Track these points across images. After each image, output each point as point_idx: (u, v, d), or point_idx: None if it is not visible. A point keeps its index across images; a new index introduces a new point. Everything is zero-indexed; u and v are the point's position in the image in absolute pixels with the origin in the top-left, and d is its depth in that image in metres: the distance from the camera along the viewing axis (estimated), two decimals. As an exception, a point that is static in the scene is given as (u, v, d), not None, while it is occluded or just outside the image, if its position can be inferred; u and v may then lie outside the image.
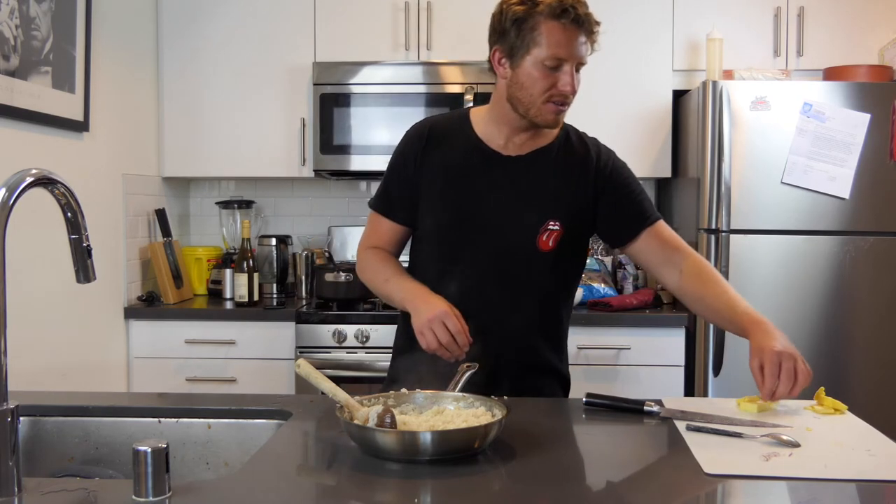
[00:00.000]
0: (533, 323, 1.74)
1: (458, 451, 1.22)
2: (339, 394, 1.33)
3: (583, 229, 1.76)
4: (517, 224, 1.70)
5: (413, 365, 1.62)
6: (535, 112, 1.63)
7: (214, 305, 3.24)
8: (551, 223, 1.69)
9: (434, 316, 1.57)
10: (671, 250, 1.77)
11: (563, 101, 1.63)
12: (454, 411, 1.36)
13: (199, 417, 1.50)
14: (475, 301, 1.67)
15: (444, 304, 1.59)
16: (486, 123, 1.74)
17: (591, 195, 1.73)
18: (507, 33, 1.62)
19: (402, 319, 1.81)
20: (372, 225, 1.83)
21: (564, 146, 1.75)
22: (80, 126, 2.73)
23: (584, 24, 1.58)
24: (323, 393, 1.36)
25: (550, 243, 1.69)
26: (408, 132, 1.79)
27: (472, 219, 1.70)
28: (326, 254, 3.33)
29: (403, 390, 1.43)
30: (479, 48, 3.17)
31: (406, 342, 1.75)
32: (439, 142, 1.74)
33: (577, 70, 1.62)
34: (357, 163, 3.24)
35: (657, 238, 1.78)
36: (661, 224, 1.80)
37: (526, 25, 1.58)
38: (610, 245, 1.83)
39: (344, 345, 2.99)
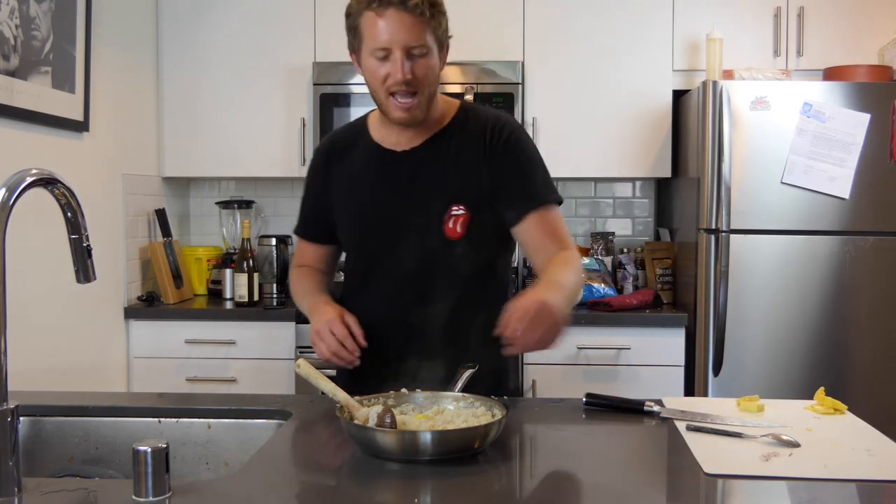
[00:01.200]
0: (462, 313, 1.65)
1: (458, 451, 1.22)
2: (339, 394, 1.33)
3: (489, 208, 1.65)
4: (421, 216, 1.65)
5: (352, 376, 1.64)
6: (385, 108, 1.61)
7: (214, 305, 3.24)
8: (454, 208, 1.63)
9: (321, 326, 1.59)
10: (550, 240, 1.64)
11: (400, 90, 1.55)
12: (454, 411, 1.36)
13: (199, 417, 1.50)
14: (400, 301, 1.67)
15: (333, 313, 1.61)
16: (379, 126, 1.72)
17: (484, 172, 1.64)
18: (349, 35, 1.62)
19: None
20: (298, 248, 1.88)
21: (459, 127, 1.68)
22: (80, 126, 2.73)
23: (396, 5, 1.51)
24: (323, 393, 1.36)
25: (458, 229, 1.63)
26: (313, 155, 1.83)
27: (380, 222, 1.69)
28: (326, 254, 3.32)
29: (403, 390, 1.43)
30: (479, 48, 3.20)
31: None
32: (341, 154, 1.74)
33: (418, 55, 1.54)
34: (357, 163, 3.24)
35: (540, 225, 1.64)
36: (551, 211, 1.66)
37: (353, 24, 1.58)
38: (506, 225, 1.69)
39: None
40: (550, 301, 1.39)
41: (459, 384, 1.45)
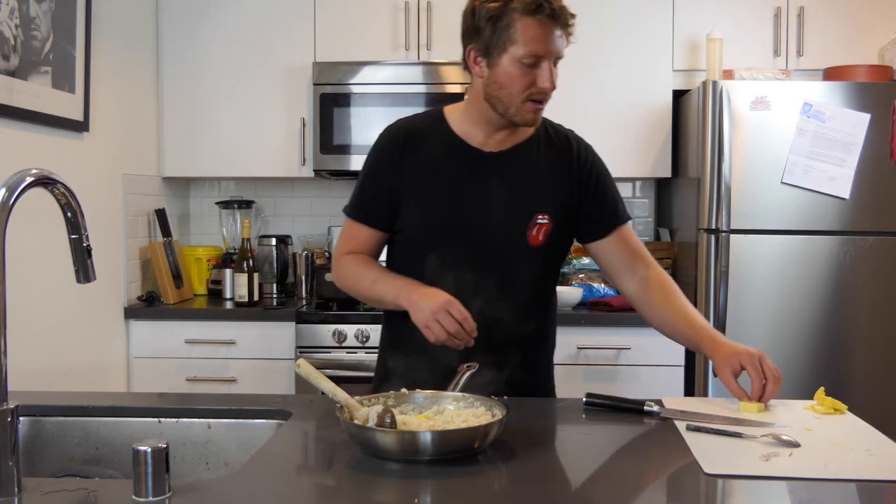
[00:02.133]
0: (526, 319, 1.72)
1: (458, 451, 1.22)
2: (339, 394, 1.33)
3: (569, 222, 1.74)
4: (506, 221, 1.67)
5: (410, 363, 1.61)
6: (515, 111, 1.61)
7: (214, 305, 3.25)
8: (540, 217, 1.68)
9: (437, 307, 1.52)
10: (636, 257, 1.78)
11: (543, 98, 1.60)
12: (454, 411, 1.36)
13: (199, 417, 1.50)
14: (469, 301, 1.63)
15: (444, 294, 1.55)
16: (463, 122, 1.70)
17: (574, 187, 1.73)
18: (482, 32, 1.58)
19: (388, 319, 1.79)
20: (348, 232, 1.77)
21: (545, 139, 1.74)
22: (80, 126, 2.73)
23: (559, 19, 1.56)
24: (323, 393, 1.36)
25: (540, 237, 1.68)
26: (381, 136, 1.75)
27: (461, 219, 1.67)
28: (326, 254, 3.33)
29: (403, 390, 1.43)
30: (479, 48, 3.20)
31: (397, 340, 1.74)
32: (417, 143, 1.69)
33: (555, 65, 1.60)
34: (357, 163, 3.23)
35: (625, 241, 1.78)
36: (630, 227, 1.81)
37: (501, 23, 1.56)
38: (578, 240, 1.81)
39: (344, 345, 2.99)
40: (762, 353, 1.54)
41: (460, 384, 1.45)
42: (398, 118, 1.77)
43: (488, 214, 1.67)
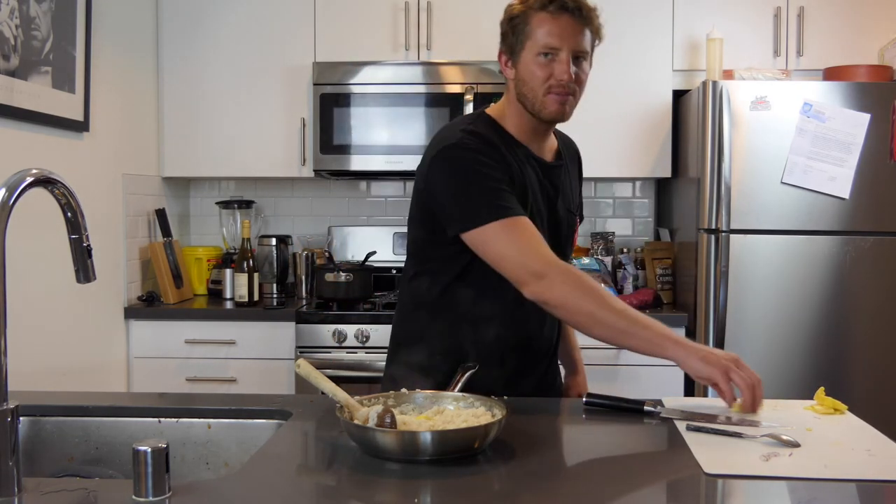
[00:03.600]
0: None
1: (458, 451, 1.22)
2: (339, 394, 1.33)
3: None
4: (567, 227, 1.77)
5: (426, 362, 1.65)
6: (540, 105, 1.62)
7: (214, 305, 3.25)
8: (577, 219, 1.82)
9: (729, 359, 1.46)
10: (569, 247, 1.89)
11: (564, 90, 1.60)
12: (454, 411, 1.36)
13: (199, 417, 1.50)
14: (536, 312, 1.64)
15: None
16: (518, 131, 1.68)
17: (581, 189, 1.90)
18: (507, 34, 1.65)
19: (414, 316, 1.72)
20: (526, 233, 1.54)
21: (563, 146, 1.82)
22: (80, 126, 2.73)
23: (573, 11, 1.58)
24: (323, 393, 1.36)
25: (576, 237, 1.83)
26: (472, 142, 1.59)
27: (544, 228, 1.66)
28: (326, 254, 3.33)
29: (403, 390, 1.43)
30: (479, 48, 3.20)
31: (413, 339, 1.73)
32: (498, 149, 1.62)
33: (579, 59, 1.61)
34: (357, 163, 3.24)
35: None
36: None
37: (520, 22, 1.61)
38: None
39: (344, 345, 2.99)
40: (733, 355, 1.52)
41: (459, 384, 1.45)
42: (450, 123, 1.69)
43: (557, 222, 1.73)
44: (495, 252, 1.53)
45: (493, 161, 1.58)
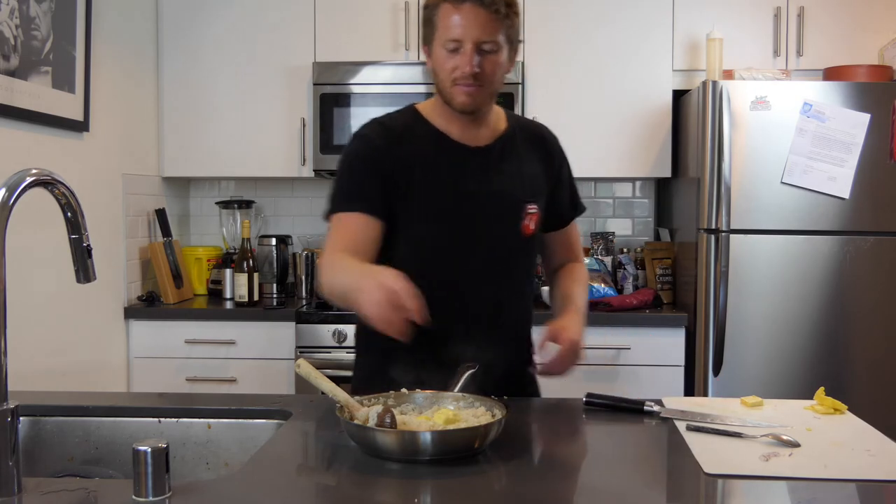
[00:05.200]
0: (524, 311, 1.78)
1: (457, 451, 1.22)
2: (339, 394, 1.33)
3: (545, 211, 1.78)
4: (504, 213, 1.69)
5: (397, 363, 1.54)
6: (448, 96, 1.62)
7: (214, 305, 3.25)
8: (530, 207, 1.71)
9: (384, 288, 1.37)
10: (573, 248, 1.88)
11: (468, 82, 1.58)
12: (454, 411, 1.36)
13: (199, 417, 1.50)
14: (472, 298, 1.66)
15: (393, 277, 1.39)
16: (439, 118, 1.69)
17: (551, 176, 1.79)
18: (423, 26, 1.65)
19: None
20: (339, 230, 1.64)
21: (520, 132, 1.76)
22: (80, 126, 2.73)
23: (477, 3, 1.54)
24: (323, 393, 1.36)
25: (532, 227, 1.71)
26: (361, 134, 1.70)
27: (457, 216, 1.66)
28: (326, 254, 3.32)
29: (403, 390, 1.43)
30: (479, 48, 3.20)
31: (368, 342, 1.73)
32: (400, 140, 1.66)
33: (486, 51, 1.56)
34: (357, 163, 3.24)
35: (571, 233, 1.88)
36: (577, 221, 1.90)
37: (429, 15, 1.61)
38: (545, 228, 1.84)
39: (344, 345, 2.99)
40: (582, 340, 1.62)
41: (459, 384, 1.45)
42: (370, 119, 1.74)
43: (486, 209, 1.67)
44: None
45: (373, 154, 1.65)
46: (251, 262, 3.24)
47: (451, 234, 1.67)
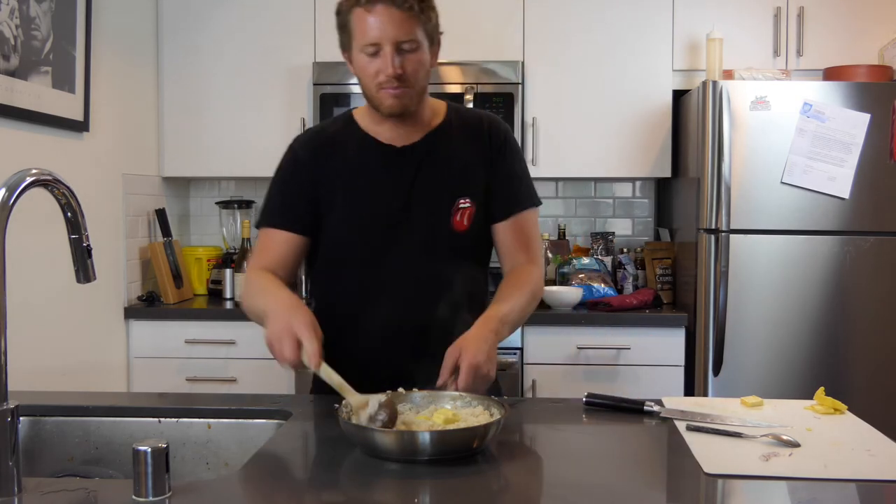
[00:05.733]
0: (462, 310, 1.67)
1: (456, 450, 1.22)
2: (341, 385, 1.34)
3: (487, 204, 1.70)
4: (430, 210, 1.65)
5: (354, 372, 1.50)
6: (377, 101, 1.59)
7: (214, 305, 3.24)
8: (462, 201, 1.66)
9: (283, 326, 1.42)
10: (522, 248, 1.71)
11: (393, 84, 1.55)
12: (452, 410, 1.36)
13: (199, 417, 1.50)
14: (404, 297, 1.64)
15: (296, 314, 1.43)
16: (370, 121, 1.68)
17: (487, 166, 1.70)
18: (339, 33, 1.61)
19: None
20: (263, 244, 1.68)
21: (456, 124, 1.71)
22: (80, 126, 2.73)
23: (386, 3, 1.51)
24: (316, 380, 1.35)
25: (465, 222, 1.66)
26: (293, 145, 1.73)
27: (383, 216, 1.65)
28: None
29: (400, 390, 1.42)
30: (478, 48, 3.20)
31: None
32: (332, 149, 1.68)
33: (407, 49, 1.54)
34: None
35: (519, 228, 1.71)
36: (531, 215, 1.73)
37: (343, 21, 1.58)
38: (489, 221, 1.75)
39: (344, 345, 2.98)
40: (485, 361, 1.43)
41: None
42: (307, 128, 1.75)
43: (410, 207, 1.64)
44: None
45: (297, 163, 1.69)
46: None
47: (379, 236, 1.65)
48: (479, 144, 1.71)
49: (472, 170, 1.69)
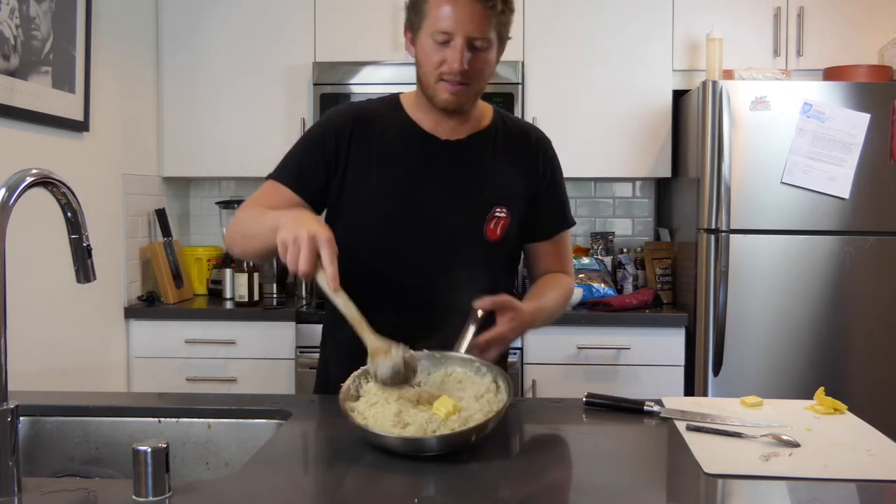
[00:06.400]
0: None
1: (457, 447, 1.22)
2: (365, 333, 1.31)
3: (523, 218, 1.67)
4: (464, 211, 1.60)
5: (342, 350, 1.50)
6: (432, 91, 1.53)
7: (214, 305, 3.24)
8: (498, 210, 1.61)
9: (307, 230, 1.30)
10: (561, 262, 1.73)
11: (456, 79, 1.49)
12: (463, 376, 1.37)
13: (199, 417, 1.49)
14: (420, 296, 1.58)
15: (322, 227, 1.33)
16: (416, 107, 1.62)
17: (530, 182, 1.67)
18: (409, 11, 1.55)
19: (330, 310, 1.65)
20: (268, 193, 1.64)
21: (503, 131, 1.67)
22: (80, 126, 2.73)
23: None
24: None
25: (498, 232, 1.61)
26: (332, 113, 1.66)
27: (415, 207, 1.58)
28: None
29: (411, 352, 1.34)
30: (479, 48, 3.20)
31: (334, 325, 1.67)
32: (370, 126, 1.60)
33: (478, 48, 1.48)
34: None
35: (562, 246, 1.74)
36: (568, 233, 1.76)
37: (420, 1, 1.50)
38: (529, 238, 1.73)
39: (344, 345, 2.99)
40: (526, 323, 1.48)
41: (465, 341, 1.42)
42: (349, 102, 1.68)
43: (445, 204, 1.59)
44: None
45: (332, 131, 1.60)
46: (251, 262, 3.24)
47: (405, 232, 1.59)
48: (525, 158, 1.67)
49: (513, 181, 1.65)
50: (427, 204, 1.59)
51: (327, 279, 1.30)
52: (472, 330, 1.44)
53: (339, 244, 1.40)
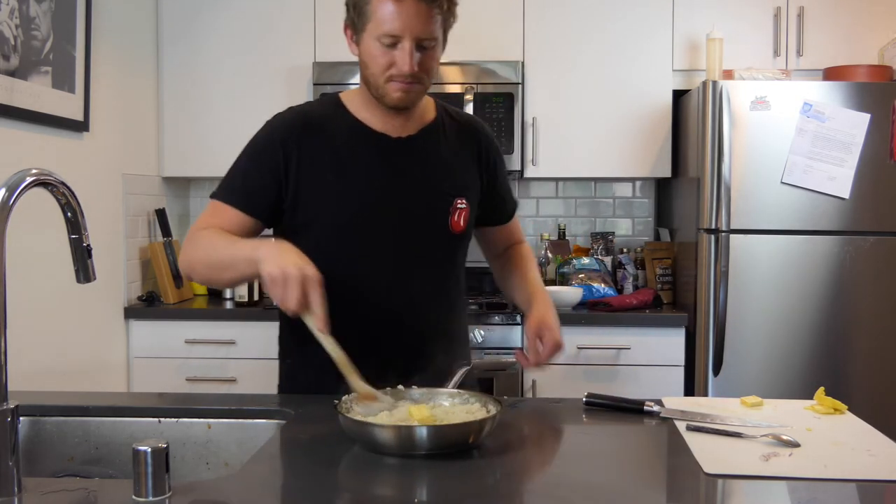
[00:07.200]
0: (451, 308, 1.68)
1: (454, 445, 1.22)
2: (354, 381, 1.33)
3: (478, 206, 1.69)
4: (429, 206, 1.60)
5: (315, 368, 1.45)
6: (382, 92, 1.51)
7: (214, 305, 3.24)
8: (459, 202, 1.62)
9: (292, 265, 1.30)
10: (515, 237, 1.84)
11: (406, 80, 1.48)
12: (449, 407, 1.36)
13: (199, 417, 1.50)
14: (394, 296, 1.58)
15: (304, 261, 1.33)
16: (361, 107, 1.59)
17: (482, 170, 1.69)
18: (349, 9, 1.52)
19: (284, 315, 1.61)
20: (215, 215, 1.57)
21: (449, 123, 1.67)
22: (80, 126, 2.73)
23: None
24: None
25: (461, 223, 1.62)
26: (273, 122, 1.63)
27: (378, 210, 1.57)
28: (326, 254, 3.32)
29: (400, 387, 1.41)
30: (479, 48, 3.20)
31: (293, 343, 1.71)
32: (318, 130, 1.57)
33: (426, 46, 1.46)
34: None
35: (512, 227, 1.83)
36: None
37: (360, 1, 1.47)
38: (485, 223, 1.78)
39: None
40: (561, 335, 1.58)
41: (454, 382, 1.45)
42: (289, 107, 1.66)
43: (409, 202, 1.58)
44: None
45: (276, 143, 1.57)
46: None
47: (370, 235, 1.57)
48: (474, 147, 1.68)
49: (467, 171, 1.67)
50: (392, 203, 1.58)
51: (316, 322, 1.31)
52: (458, 374, 1.46)
53: (312, 251, 1.39)
